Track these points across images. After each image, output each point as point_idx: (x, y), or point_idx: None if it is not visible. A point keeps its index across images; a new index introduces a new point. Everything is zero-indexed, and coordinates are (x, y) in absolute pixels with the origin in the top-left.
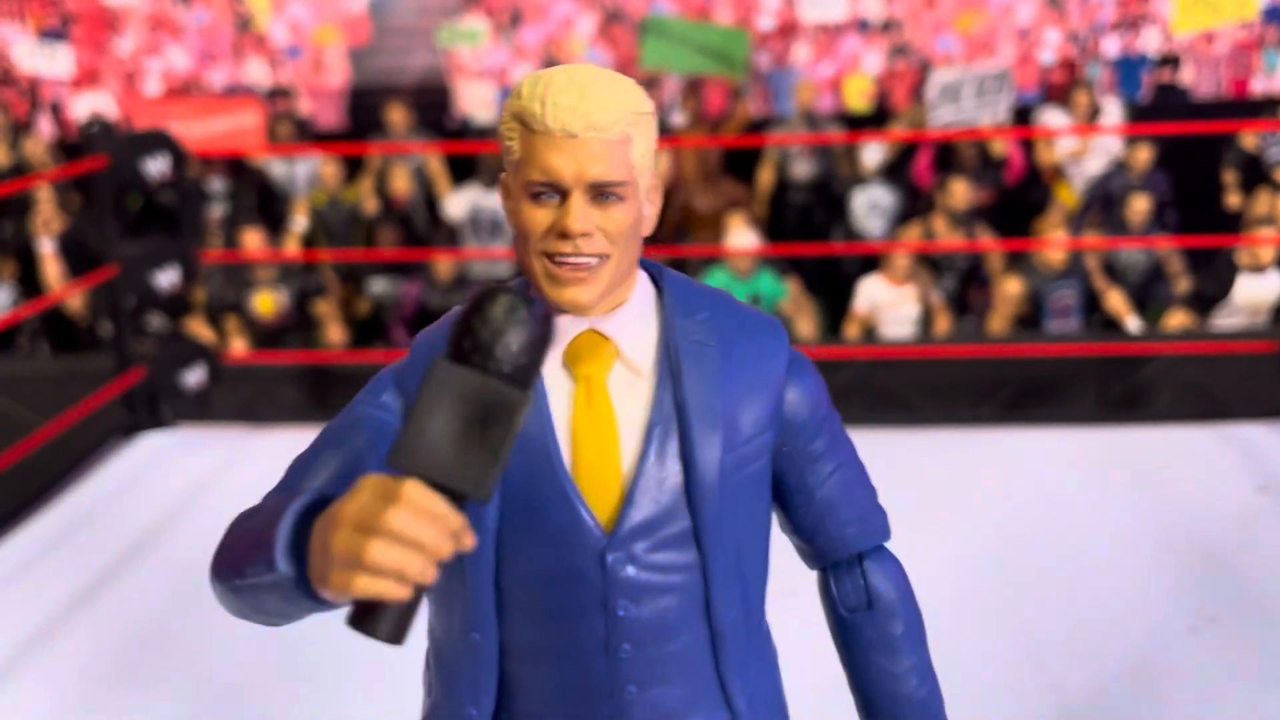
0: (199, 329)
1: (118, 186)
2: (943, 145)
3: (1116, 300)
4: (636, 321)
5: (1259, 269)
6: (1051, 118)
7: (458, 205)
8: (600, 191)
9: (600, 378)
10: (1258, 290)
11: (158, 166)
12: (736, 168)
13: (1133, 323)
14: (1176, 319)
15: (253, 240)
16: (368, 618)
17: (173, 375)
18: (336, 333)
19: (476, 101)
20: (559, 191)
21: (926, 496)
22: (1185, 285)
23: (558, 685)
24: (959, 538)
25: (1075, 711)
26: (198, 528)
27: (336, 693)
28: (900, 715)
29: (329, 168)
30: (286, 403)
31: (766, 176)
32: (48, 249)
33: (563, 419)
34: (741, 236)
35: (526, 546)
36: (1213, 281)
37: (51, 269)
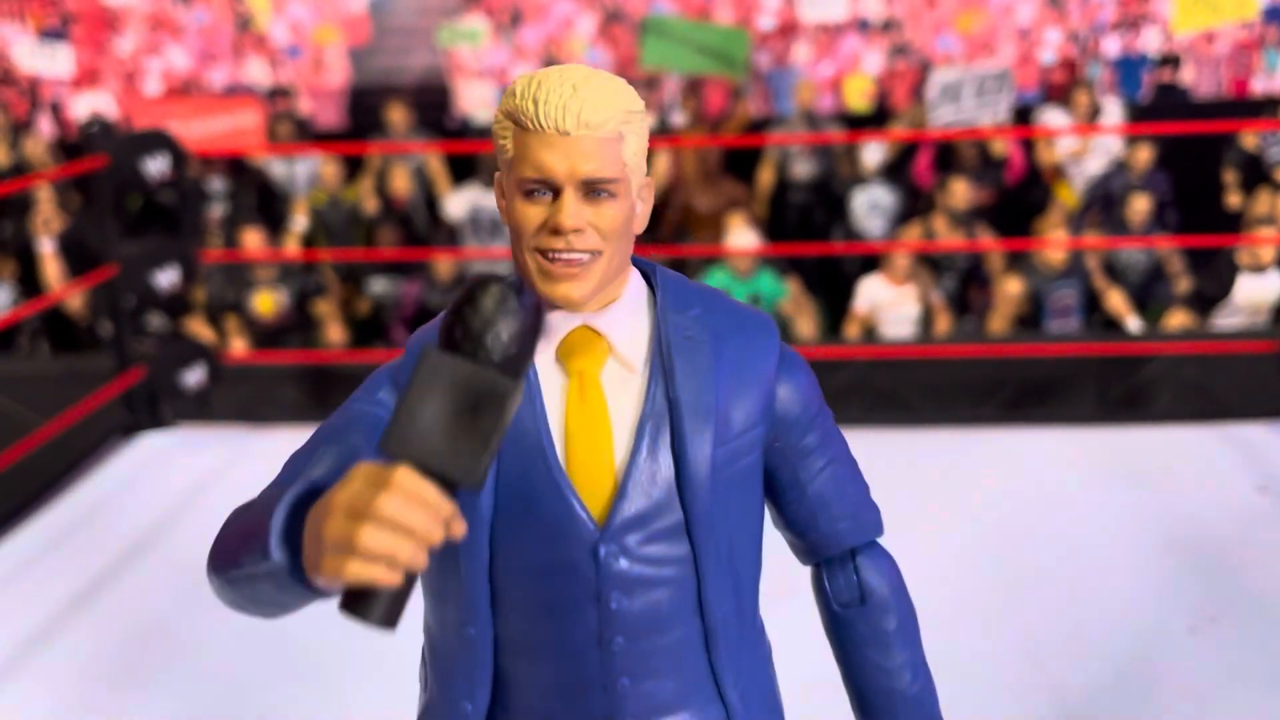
0: (199, 329)
1: (118, 186)
2: (943, 145)
3: (1117, 300)
4: (629, 318)
5: (1259, 269)
6: (1052, 117)
7: (458, 205)
8: (592, 188)
9: (593, 373)
10: (1258, 290)
11: (158, 166)
12: (737, 167)
13: (1133, 323)
14: (1177, 319)
15: (253, 240)
16: (360, 602)
17: (173, 375)
18: (336, 333)
19: (476, 101)
20: (552, 188)
21: (926, 496)
22: (1186, 285)
23: (552, 679)
24: (959, 537)
25: (1075, 711)
26: (198, 528)
27: (336, 692)
28: (894, 711)
29: (329, 167)
30: (286, 402)
31: (767, 176)
32: (48, 249)
33: (556, 414)
34: (742, 236)
35: (520, 540)
36: (1213, 281)
37: (51, 269)
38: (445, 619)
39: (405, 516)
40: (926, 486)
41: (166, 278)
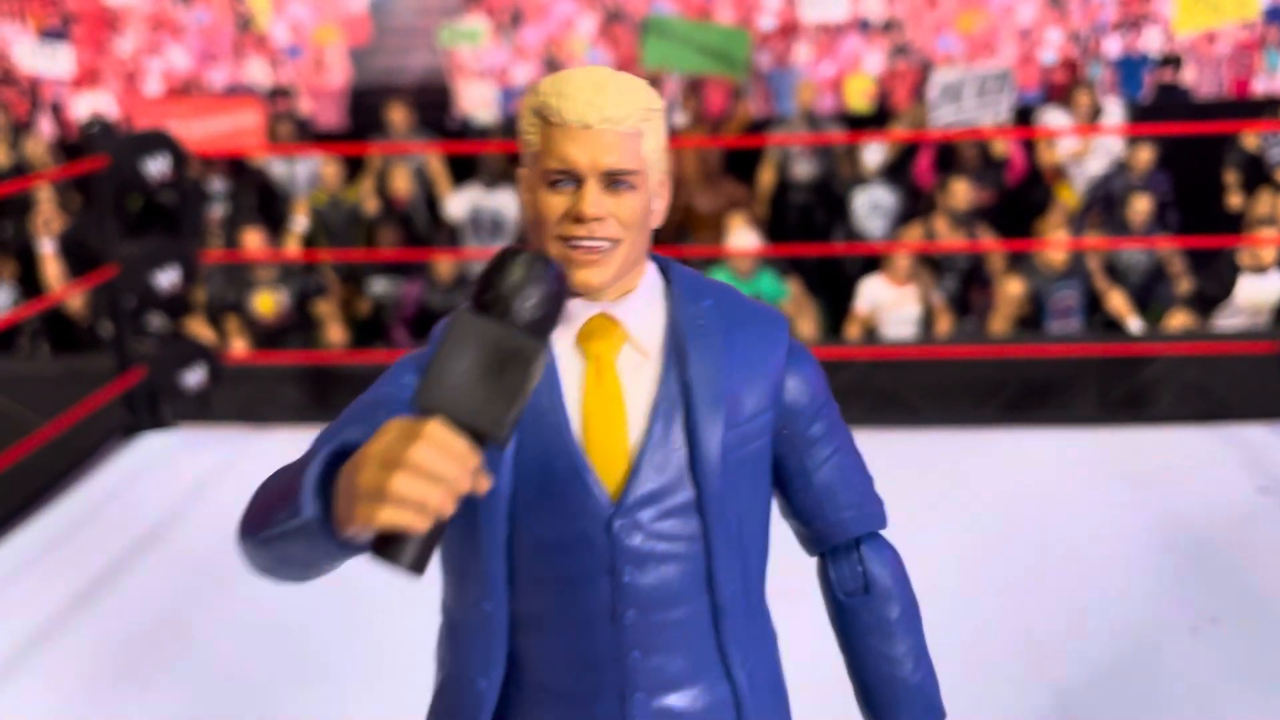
0: (199, 329)
1: (118, 186)
2: (944, 145)
3: (1118, 301)
4: (645, 307)
5: (1260, 269)
6: (1053, 118)
7: (458, 205)
8: (613, 179)
9: (609, 358)
10: (1259, 291)
11: (158, 166)
12: (737, 168)
13: (1134, 323)
14: (1178, 319)
15: (253, 240)
16: (391, 548)
17: (173, 375)
18: (337, 333)
19: (477, 101)
20: (575, 179)
21: (927, 497)
22: (1187, 286)
23: (565, 653)
24: (960, 538)
25: (1075, 712)
26: (198, 528)
27: (338, 692)
28: (896, 699)
29: (329, 168)
30: (287, 403)
31: (767, 177)
32: (48, 249)
33: (574, 395)
34: (742, 237)
35: (538, 515)
36: (1214, 282)
37: (52, 269)
38: (463, 595)
39: (436, 465)
40: (927, 487)
41: (167, 278)
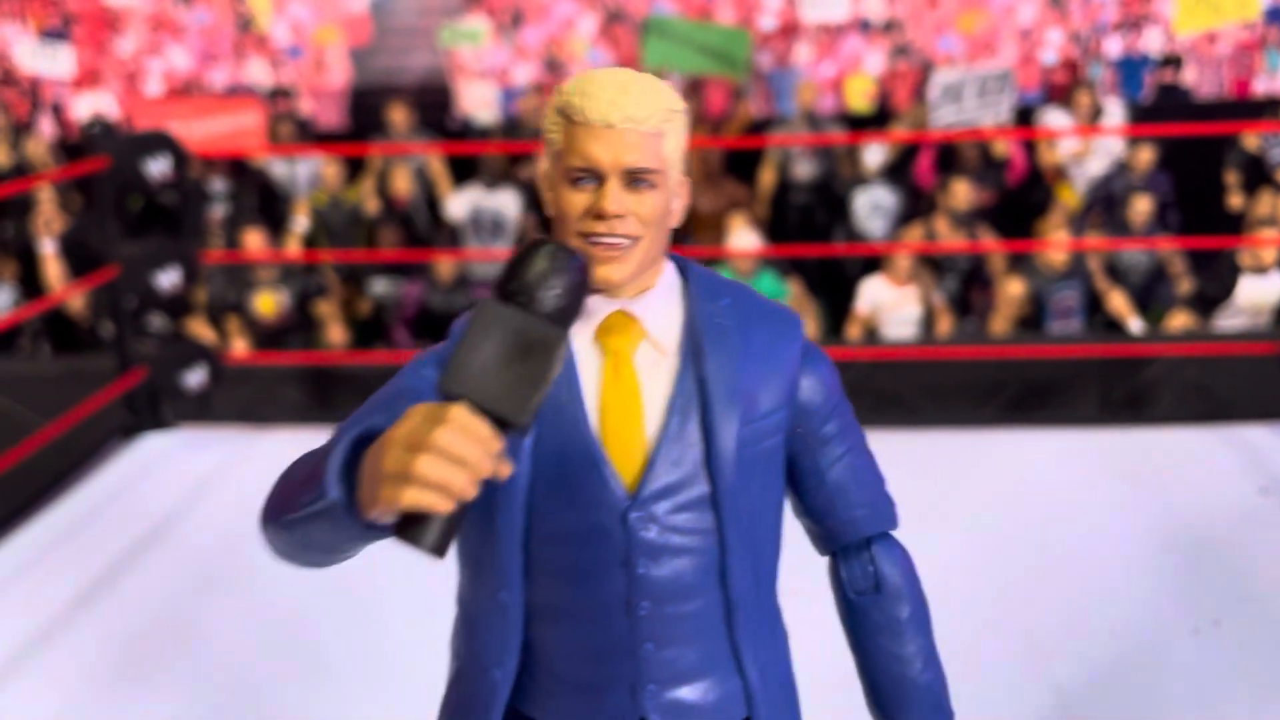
0: (200, 330)
1: (119, 187)
2: (944, 146)
3: (1119, 301)
4: (663, 305)
5: (1261, 270)
6: (1053, 118)
7: (459, 206)
8: (634, 178)
9: (627, 353)
10: (1260, 291)
11: (159, 167)
12: (738, 168)
13: (1135, 324)
14: (1179, 320)
15: (254, 241)
16: (413, 529)
17: (174, 376)
18: (338, 333)
19: (478, 102)
20: (597, 177)
21: (928, 498)
22: (1187, 286)
23: (579, 644)
24: (961, 539)
25: (1075, 712)
26: (199, 528)
27: (339, 692)
28: (905, 698)
29: (330, 168)
30: (288, 403)
31: (768, 177)
32: (49, 249)
33: (592, 390)
34: (743, 237)
35: (555, 506)
36: (1215, 283)
37: (53, 269)
38: (479, 586)
39: (460, 448)
40: (928, 488)
41: (168, 278)
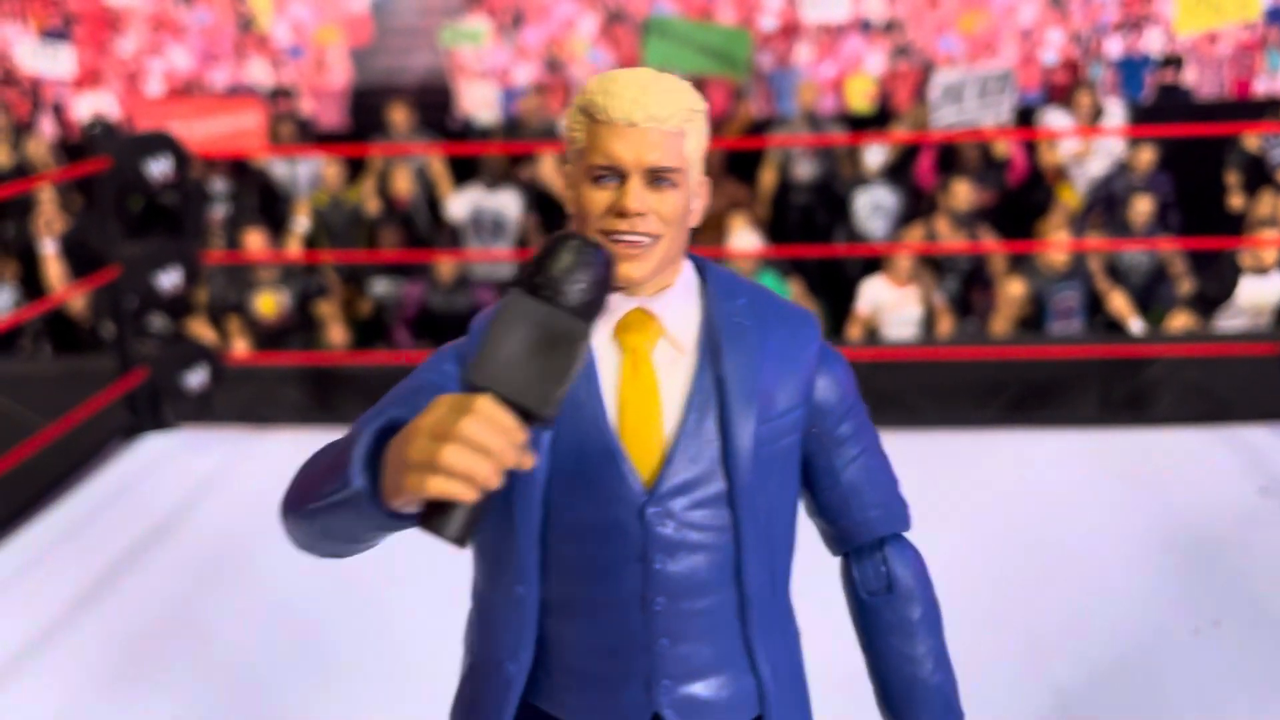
0: (201, 330)
1: (120, 187)
2: (945, 146)
3: (1119, 302)
4: (681, 303)
5: (1262, 270)
6: (1054, 119)
7: (460, 206)
8: (655, 176)
9: (645, 351)
10: (1260, 292)
11: (160, 167)
12: (738, 168)
13: (1135, 324)
14: (1179, 321)
15: (254, 241)
16: (437, 518)
17: (175, 376)
18: (338, 334)
19: (478, 102)
20: (619, 175)
21: (929, 498)
22: (1188, 287)
23: (594, 638)
24: (961, 539)
25: (1075, 712)
26: (200, 529)
27: (341, 692)
28: (915, 699)
29: (331, 168)
30: (288, 404)
31: (769, 177)
32: (50, 250)
33: (610, 387)
34: (743, 237)
35: (572, 502)
36: (1215, 283)
37: (54, 270)
38: (495, 579)
39: (485, 438)
40: (928, 488)
41: (169, 279)
